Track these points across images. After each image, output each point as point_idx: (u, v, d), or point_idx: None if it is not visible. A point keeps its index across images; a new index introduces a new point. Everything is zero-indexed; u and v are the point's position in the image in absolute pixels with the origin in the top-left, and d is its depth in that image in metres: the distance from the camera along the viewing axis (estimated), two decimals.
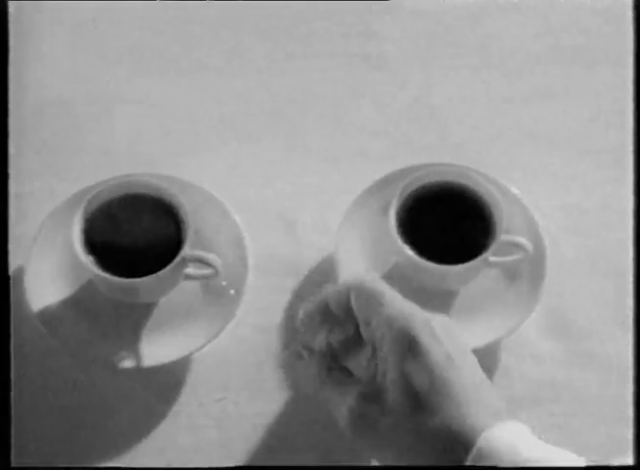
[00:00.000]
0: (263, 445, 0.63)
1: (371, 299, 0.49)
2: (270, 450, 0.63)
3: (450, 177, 0.64)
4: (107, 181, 0.62)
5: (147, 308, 0.64)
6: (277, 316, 0.66)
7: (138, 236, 0.61)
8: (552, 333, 0.66)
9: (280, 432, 0.63)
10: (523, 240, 0.62)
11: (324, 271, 0.67)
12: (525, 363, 0.65)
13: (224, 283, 0.64)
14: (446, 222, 0.63)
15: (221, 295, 0.64)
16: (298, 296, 0.67)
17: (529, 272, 0.65)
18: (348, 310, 0.51)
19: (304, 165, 0.72)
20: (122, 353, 0.61)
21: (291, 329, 0.65)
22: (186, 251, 0.60)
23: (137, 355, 0.62)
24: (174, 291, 0.63)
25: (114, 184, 0.62)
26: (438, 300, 0.66)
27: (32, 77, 0.73)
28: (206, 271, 0.62)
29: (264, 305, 0.67)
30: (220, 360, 0.65)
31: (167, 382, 0.64)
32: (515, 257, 0.63)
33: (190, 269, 0.63)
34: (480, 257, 0.60)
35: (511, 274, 0.65)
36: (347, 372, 0.51)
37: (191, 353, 0.62)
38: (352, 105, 0.74)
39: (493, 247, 0.61)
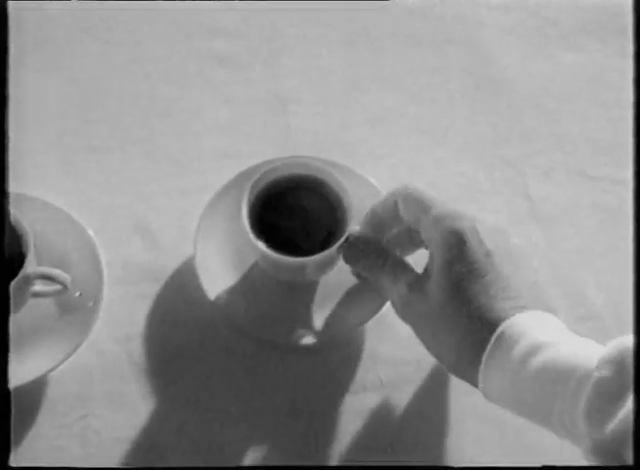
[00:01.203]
0: (128, 457, 0.61)
1: (420, 202, 0.55)
2: (137, 462, 0.61)
3: (299, 170, 0.63)
4: None
5: None
6: (138, 325, 0.65)
7: None
8: None
9: (146, 443, 0.62)
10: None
11: (184, 276, 0.66)
12: (389, 345, 0.65)
13: (77, 294, 0.62)
14: (300, 215, 0.63)
15: (77, 309, 0.63)
16: (159, 303, 0.66)
17: None
18: (396, 216, 0.56)
19: (156, 169, 0.70)
20: None
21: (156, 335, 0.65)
22: (27, 269, 0.58)
23: None
24: (25, 309, 0.61)
25: None
26: (301, 291, 0.66)
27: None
28: (55, 288, 0.61)
29: (124, 315, 0.65)
30: (80, 376, 0.63)
31: (24, 405, 0.62)
32: None
33: (38, 287, 0.61)
34: (332, 247, 0.60)
35: None
36: (403, 263, 0.57)
37: (46, 373, 0.61)
38: (202, 104, 0.73)
39: (345, 235, 0.61)
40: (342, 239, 0.59)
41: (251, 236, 0.60)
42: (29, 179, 0.68)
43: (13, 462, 0.60)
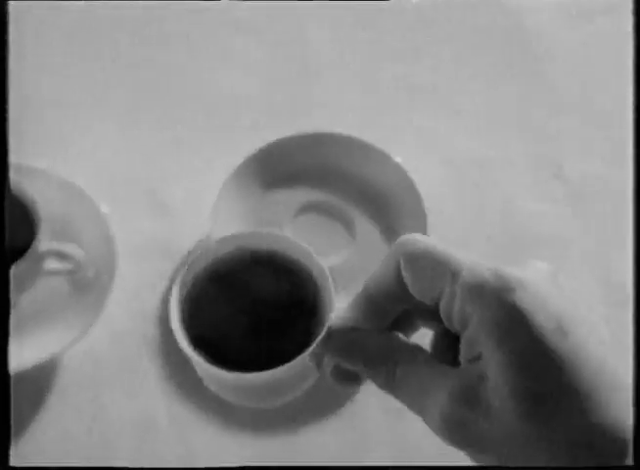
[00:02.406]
0: (147, 443, 0.59)
1: (439, 264, 0.37)
2: (155, 448, 0.59)
3: (255, 243, 0.44)
4: None
5: None
6: (153, 304, 0.63)
7: None
8: None
9: (163, 427, 0.60)
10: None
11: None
12: None
13: (91, 274, 0.60)
14: (256, 307, 0.44)
15: (90, 287, 0.60)
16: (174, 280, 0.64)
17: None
18: (400, 292, 0.38)
19: (172, 142, 0.68)
20: None
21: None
22: (38, 245, 0.56)
23: None
24: (37, 288, 0.59)
25: None
26: None
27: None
28: (67, 265, 0.58)
29: (138, 294, 0.63)
30: (93, 357, 0.61)
31: (35, 387, 0.59)
32: None
33: (49, 264, 0.59)
34: (302, 354, 0.40)
35: (392, 239, 0.63)
36: (429, 360, 0.38)
37: (58, 354, 0.58)
38: (220, 74, 0.70)
39: (324, 331, 0.40)
40: (320, 336, 0.40)
41: (183, 341, 0.41)
42: (41, 153, 0.65)
43: (18, 450, 0.58)
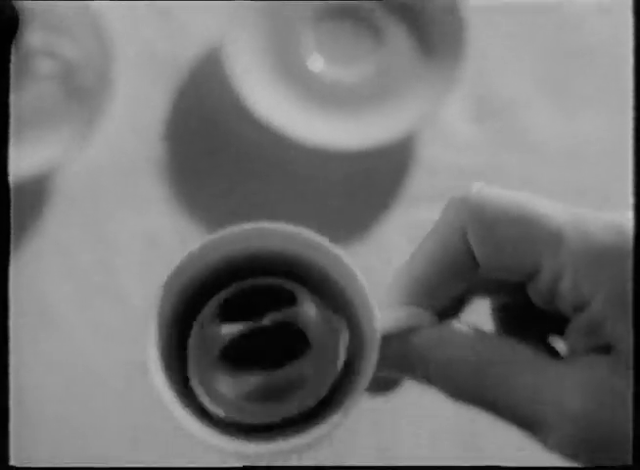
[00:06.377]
0: (151, 260, 0.55)
1: (529, 229, 0.28)
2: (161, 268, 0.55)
3: (267, 244, 0.30)
4: None
5: None
6: (155, 116, 0.58)
7: None
8: (476, 114, 0.58)
9: (168, 244, 0.56)
10: None
11: (209, 67, 0.58)
12: (449, 152, 0.58)
13: (85, 80, 0.54)
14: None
15: (85, 94, 0.54)
16: (182, 96, 0.58)
17: (446, 43, 0.56)
18: (462, 268, 0.29)
19: None
20: None
21: None
22: (26, 40, 0.49)
23: None
24: (25, 94, 0.53)
25: None
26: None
27: None
28: (58, 67, 0.52)
29: (139, 105, 0.58)
30: (91, 174, 0.56)
31: (28, 200, 0.55)
32: None
33: (39, 64, 0.53)
34: (347, 402, 0.28)
35: (424, 48, 0.57)
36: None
37: (49, 168, 0.54)
38: None
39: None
40: (372, 360, 0.28)
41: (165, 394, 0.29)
42: None
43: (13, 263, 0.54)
